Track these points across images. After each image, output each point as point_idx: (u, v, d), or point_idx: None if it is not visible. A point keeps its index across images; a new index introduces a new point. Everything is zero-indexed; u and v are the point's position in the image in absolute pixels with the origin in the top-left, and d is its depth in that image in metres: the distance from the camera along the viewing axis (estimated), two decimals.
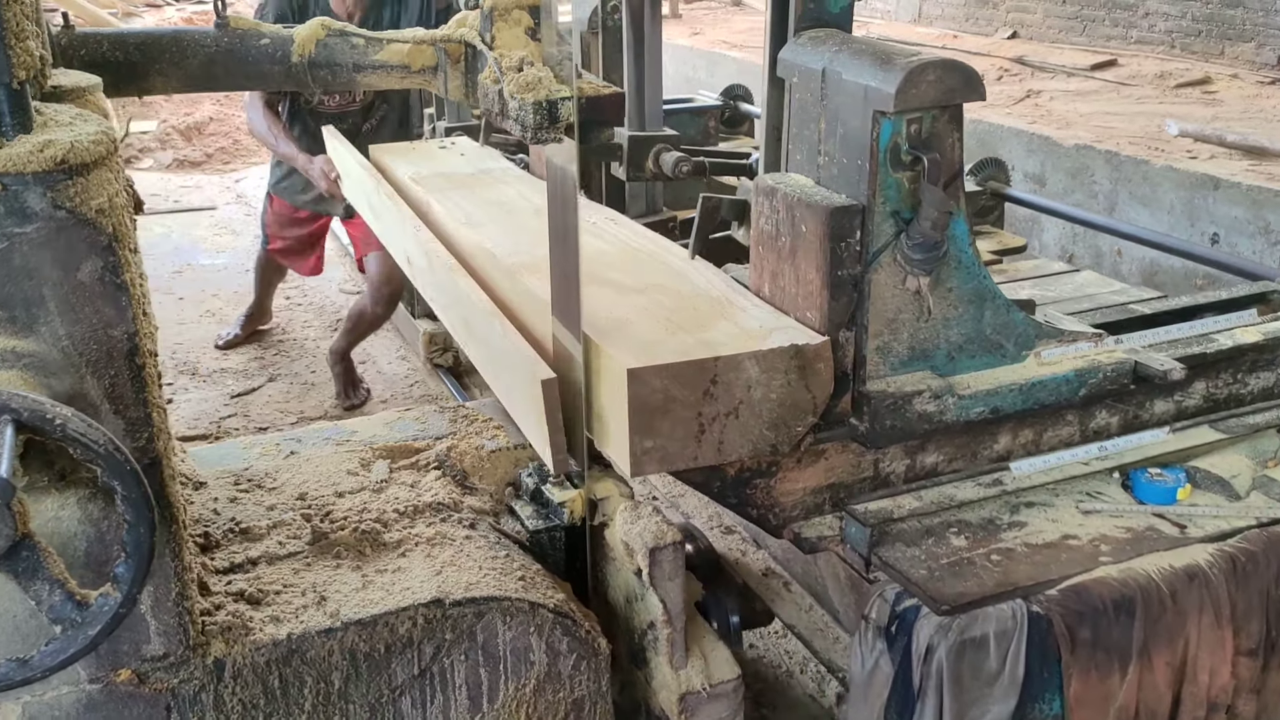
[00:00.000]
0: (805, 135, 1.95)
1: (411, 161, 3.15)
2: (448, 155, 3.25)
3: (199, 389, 5.00)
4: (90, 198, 1.28)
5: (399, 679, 1.71)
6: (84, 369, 1.33)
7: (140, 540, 1.19)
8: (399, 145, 3.37)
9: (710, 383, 1.76)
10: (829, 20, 2.04)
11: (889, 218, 1.83)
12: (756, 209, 2.01)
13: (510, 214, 2.64)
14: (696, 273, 2.21)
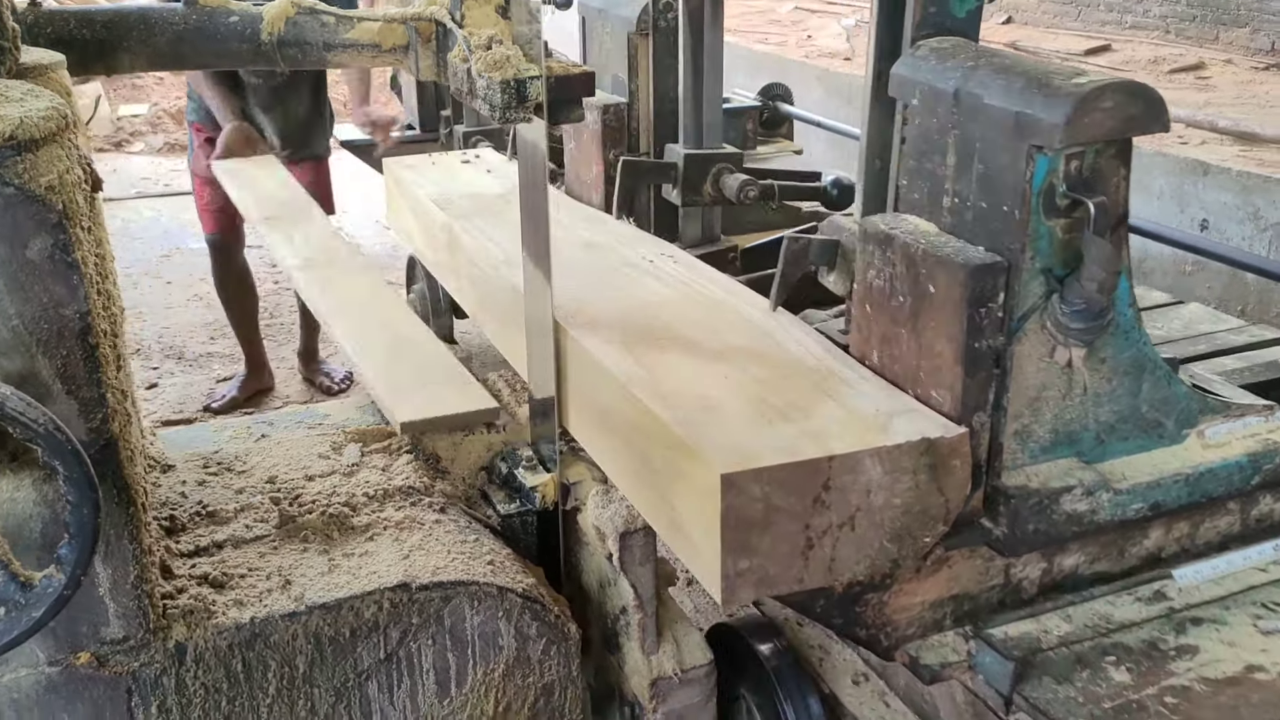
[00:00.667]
0: (926, 170, 1.61)
1: (432, 179, 2.79)
2: (472, 172, 2.91)
3: (185, 373, 4.98)
4: (39, 174, 1.26)
5: (365, 663, 1.70)
6: (35, 348, 1.31)
7: (84, 521, 1.17)
8: (416, 159, 2.99)
9: (822, 488, 1.44)
10: (952, 27, 1.68)
11: (1038, 276, 1.49)
12: (864, 258, 1.68)
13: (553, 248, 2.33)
14: (783, 330, 1.86)
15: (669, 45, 2.56)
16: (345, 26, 1.96)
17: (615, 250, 2.28)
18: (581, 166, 2.75)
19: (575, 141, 2.78)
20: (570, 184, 2.85)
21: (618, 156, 2.56)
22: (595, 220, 2.50)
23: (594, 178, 2.66)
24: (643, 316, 1.94)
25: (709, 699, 1.95)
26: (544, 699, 1.86)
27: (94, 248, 1.42)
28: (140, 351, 5.15)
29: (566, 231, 2.38)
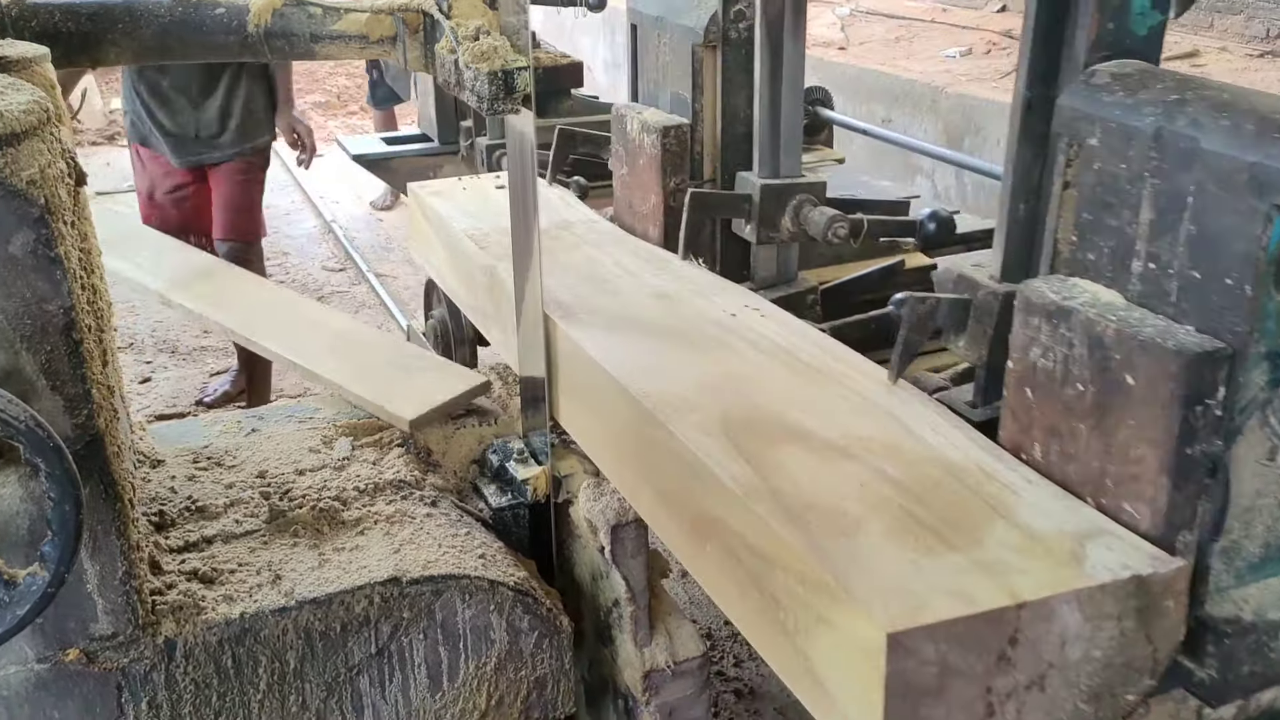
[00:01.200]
0: (1109, 226, 1.33)
1: (465, 208, 2.46)
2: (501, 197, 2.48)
3: (178, 367, 4.97)
4: (21, 169, 1.25)
5: (356, 658, 1.70)
6: (18, 344, 1.30)
7: (66, 518, 1.17)
8: (445, 183, 2.69)
9: (1008, 643, 1.17)
10: (1130, 47, 1.41)
11: (1262, 363, 1.23)
12: (1025, 333, 1.39)
13: (614, 296, 1.97)
14: (910, 410, 1.56)
15: (741, 59, 2.21)
16: (332, 18, 1.95)
17: (690, 302, 1.96)
18: (636, 195, 2.38)
19: (628, 167, 2.40)
20: (620, 214, 2.49)
21: (679, 185, 2.24)
22: (661, 263, 2.16)
23: (651, 209, 2.31)
24: (741, 395, 1.61)
25: (702, 691, 1.94)
26: (536, 692, 1.86)
27: (78, 242, 1.41)
28: (133, 346, 5.14)
29: (634, 279, 2.07)
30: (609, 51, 8.85)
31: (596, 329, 1.84)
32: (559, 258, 2.12)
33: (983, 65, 6.46)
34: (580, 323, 1.86)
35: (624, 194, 2.46)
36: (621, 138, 2.36)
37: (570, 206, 2.53)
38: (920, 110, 5.97)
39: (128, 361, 4.95)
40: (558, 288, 1.98)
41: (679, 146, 2.25)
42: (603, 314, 1.90)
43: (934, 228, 2.50)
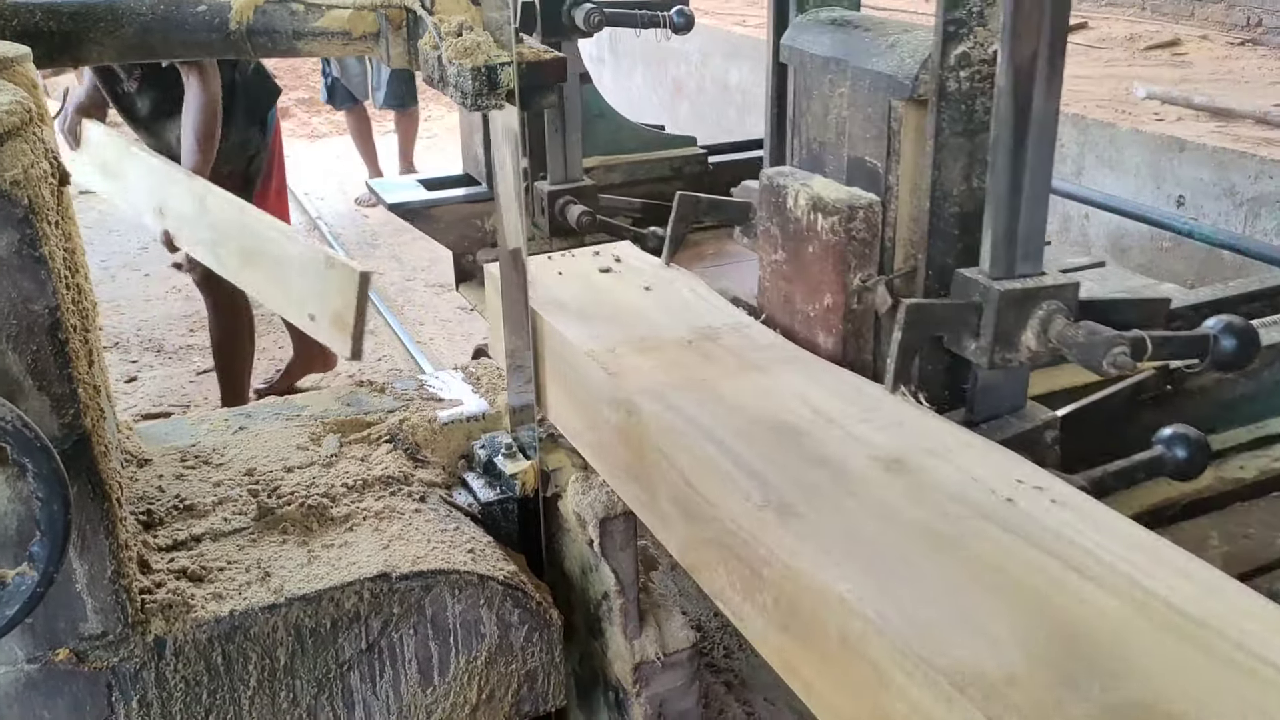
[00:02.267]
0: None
1: (568, 303, 1.93)
2: (622, 286, 1.99)
3: (164, 365, 4.97)
4: (4, 169, 1.25)
5: (346, 654, 1.70)
6: (4, 344, 1.30)
7: (54, 517, 1.17)
8: (531, 262, 1.96)
9: None
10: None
11: None
12: None
13: (825, 469, 1.37)
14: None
15: (961, 118, 1.59)
16: (315, 15, 1.95)
17: (935, 474, 1.34)
18: (799, 291, 1.82)
19: (786, 253, 1.83)
20: (771, 311, 1.92)
21: (866, 282, 1.72)
22: (868, 402, 1.55)
23: (822, 312, 1.77)
24: (1087, 667, 1.01)
25: (692, 682, 1.96)
26: (527, 685, 1.87)
27: (62, 242, 1.41)
28: (119, 345, 5.13)
29: (840, 431, 1.46)
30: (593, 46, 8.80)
31: (826, 538, 1.21)
32: (718, 389, 1.58)
33: None
34: (789, 516, 1.26)
35: (778, 287, 1.89)
36: (777, 214, 1.82)
37: (706, 302, 1.92)
38: None
39: (114, 361, 4.95)
40: (744, 451, 1.40)
41: (868, 233, 1.71)
42: (819, 503, 1.28)
43: (1233, 344, 1.64)
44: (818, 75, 1.85)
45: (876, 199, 1.73)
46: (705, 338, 1.79)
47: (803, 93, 1.90)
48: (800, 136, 1.92)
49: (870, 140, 1.74)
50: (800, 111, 1.92)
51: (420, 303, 5.60)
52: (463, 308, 5.42)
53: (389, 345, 5.10)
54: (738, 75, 7.53)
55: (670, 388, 1.60)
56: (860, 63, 1.73)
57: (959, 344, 1.58)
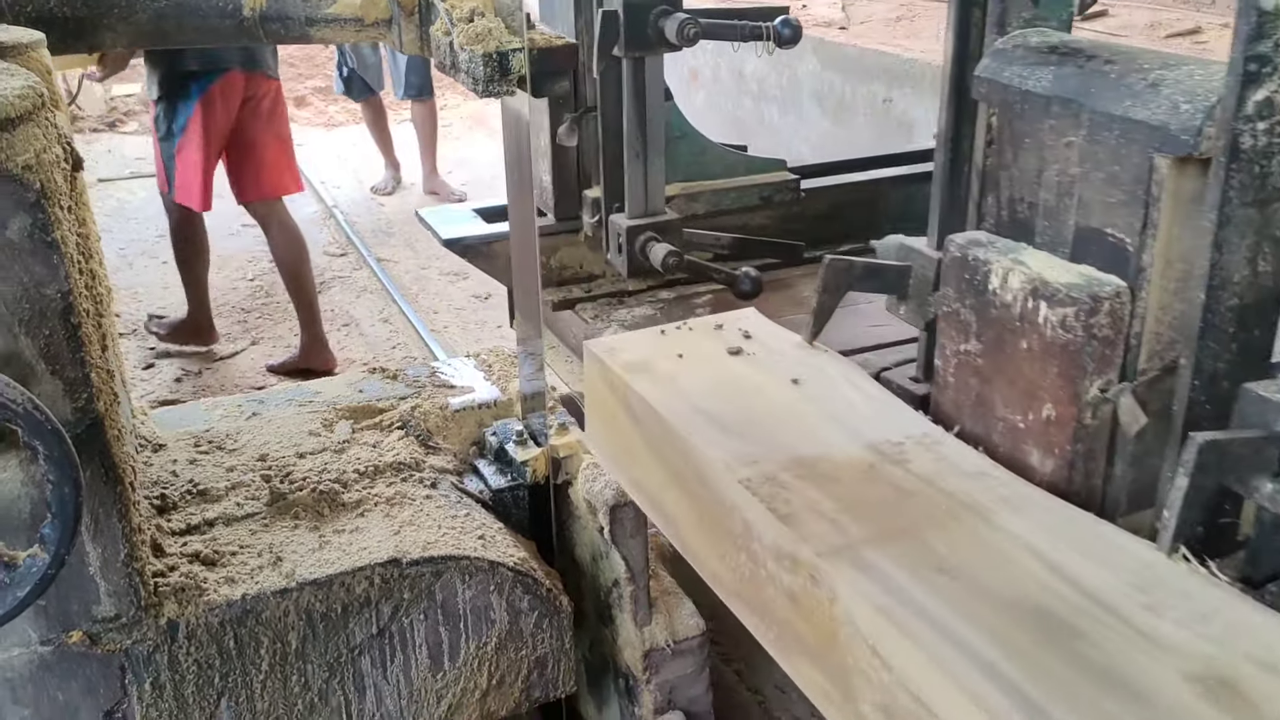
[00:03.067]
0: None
1: (699, 401, 1.53)
2: (759, 374, 1.61)
3: (181, 353, 4.98)
4: (16, 153, 1.25)
5: (358, 638, 1.71)
6: (17, 328, 1.31)
7: (65, 500, 1.18)
8: (639, 342, 1.70)
9: None
10: None
11: None
12: None
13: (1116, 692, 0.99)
14: None
15: (1256, 183, 1.20)
16: (327, 1, 1.95)
17: None
18: (1007, 397, 1.45)
19: (984, 344, 1.46)
20: (956, 415, 1.54)
21: (1105, 391, 1.34)
22: (1140, 570, 1.17)
23: (1039, 425, 1.40)
24: None
25: (702, 669, 1.96)
26: (537, 671, 1.87)
27: (75, 227, 1.42)
28: (136, 332, 5.16)
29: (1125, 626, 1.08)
30: None
31: None
32: (932, 546, 1.21)
33: None
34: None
35: (967, 384, 1.51)
36: (970, 294, 1.46)
37: (875, 402, 1.55)
38: (921, 90, 5.95)
39: (130, 348, 4.97)
40: (995, 655, 1.03)
41: (1113, 329, 1.33)
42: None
43: None
44: (1033, 119, 1.43)
45: (1124, 285, 1.32)
46: (889, 459, 1.39)
47: (1007, 139, 1.49)
48: (997, 194, 1.52)
49: (1115, 207, 1.34)
50: (1001, 162, 1.50)
51: (435, 291, 5.61)
52: (477, 296, 5.43)
53: (403, 333, 5.11)
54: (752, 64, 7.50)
55: (866, 544, 1.21)
56: (1105, 106, 1.33)
57: (1247, 485, 1.18)
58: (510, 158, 1.87)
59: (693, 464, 1.44)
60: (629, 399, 1.58)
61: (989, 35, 1.54)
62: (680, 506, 1.51)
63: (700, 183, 2.92)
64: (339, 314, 5.38)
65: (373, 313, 5.39)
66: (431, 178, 7.34)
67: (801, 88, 6.89)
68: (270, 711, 1.69)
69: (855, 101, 6.48)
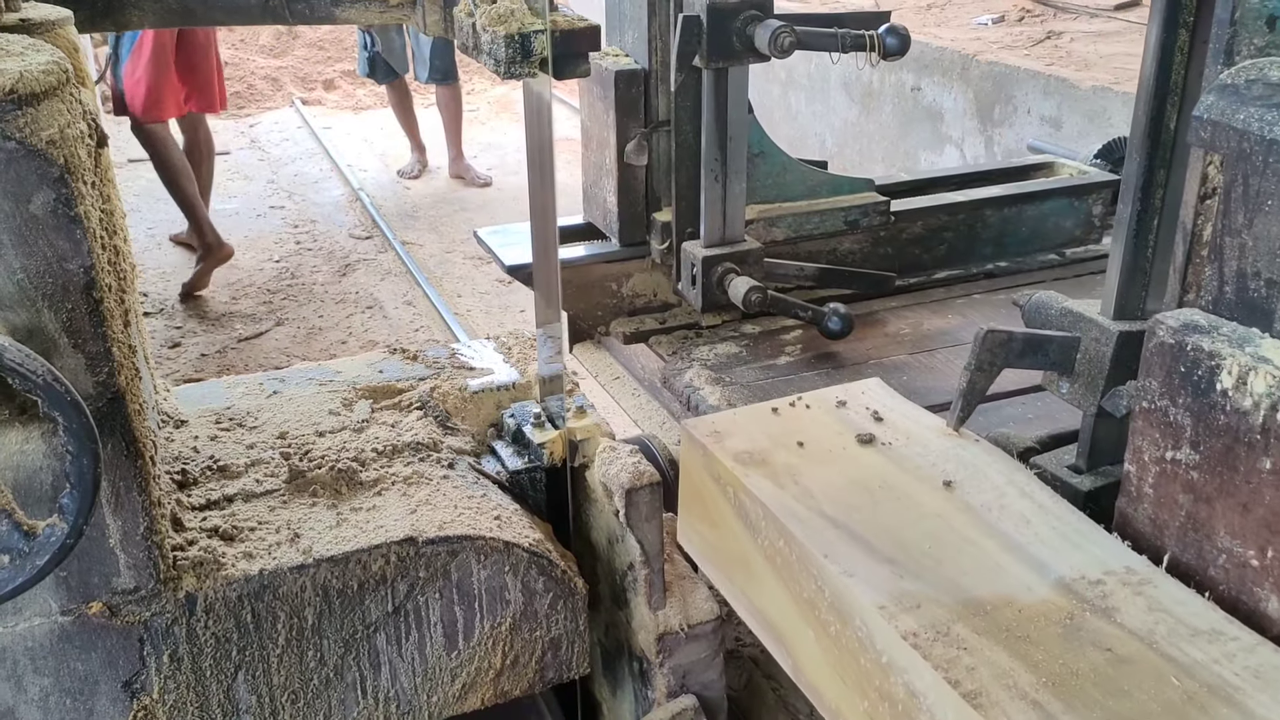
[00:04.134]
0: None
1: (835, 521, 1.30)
2: (905, 479, 1.38)
3: (207, 332, 5.04)
4: (40, 129, 1.27)
5: (373, 616, 1.72)
6: (40, 303, 1.32)
7: (84, 471, 1.19)
8: (748, 421, 1.55)
9: None
10: None
11: None
12: None
13: None
14: None
15: None
16: None
17: None
18: (1237, 525, 1.19)
19: (1202, 455, 1.22)
20: (1160, 536, 1.29)
21: None
22: None
23: (1277, 564, 1.14)
24: None
25: (716, 655, 1.96)
26: (551, 652, 1.88)
27: (99, 203, 1.43)
28: (164, 311, 5.21)
29: None
30: None
31: None
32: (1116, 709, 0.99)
33: (1015, 33, 6.37)
34: None
35: (1173, 499, 1.24)
36: (1187, 391, 1.21)
37: (1052, 516, 1.30)
38: (950, 78, 5.90)
39: (158, 327, 5.02)
40: None
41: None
42: None
43: None
44: (1279, 174, 1.14)
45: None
46: (1090, 606, 1.13)
47: (1239, 198, 1.20)
48: (1219, 264, 1.23)
49: None
50: (1229, 226, 1.21)
51: (459, 275, 5.63)
52: (501, 280, 5.44)
53: (426, 316, 5.13)
54: None
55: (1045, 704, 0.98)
56: None
57: None
58: (532, 141, 1.87)
59: (830, 596, 1.17)
60: (743, 501, 1.34)
61: (1209, 66, 1.27)
62: (808, 640, 1.24)
63: (780, 205, 2.66)
64: (363, 296, 5.41)
65: (396, 295, 5.42)
66: (457, 162, 7.35)
67: (829, 76, 6.85)
68: (287, 686, 1.70)
69: (884, 90, 6.44)
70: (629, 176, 2.56)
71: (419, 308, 5.24)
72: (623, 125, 2.45)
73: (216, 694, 1.66)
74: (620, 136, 2.45)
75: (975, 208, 2.96)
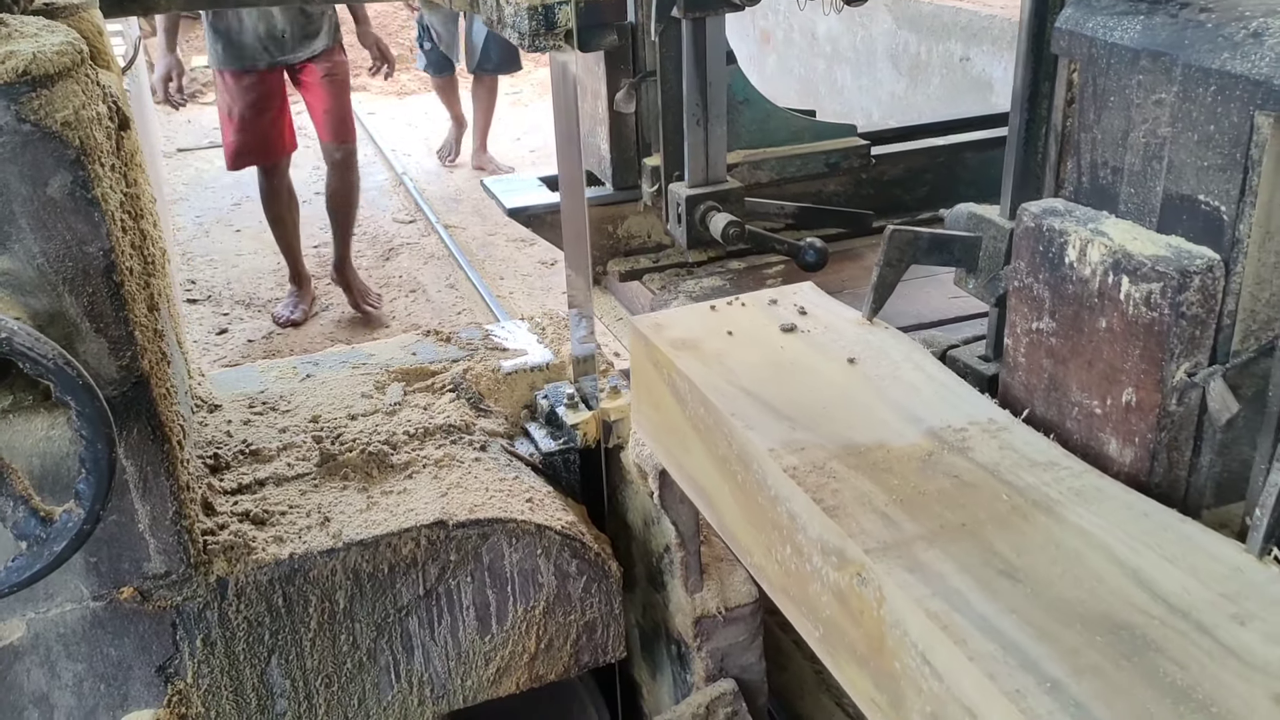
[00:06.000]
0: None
1: (746, 382, 1.44)
2: (811, 352, 1.52)
3: (253, 319, 5.08)
4: (55, 110, 1.25)
5: (404, 599, 1.71)
6: (60, 287, 1.31)
7: (98, 456, 1.18)
8: (688, 318, 1.62)
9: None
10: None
11: None
12: None
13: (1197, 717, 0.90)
14: None
15: None
16: None
17: None
18: (1084, 380, 1.34)
19: (1059, 322, 1.36)
20: (1027, 398, 1.44)
21: (1193, 375, 1.22)
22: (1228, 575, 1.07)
23: (1119, 411, 1.30)
24: None
25: (755, 638, 1.92)
26: (586, 636, 1.86)
27: (121, 185, 1.42)
28: (211, 298, 5.26)
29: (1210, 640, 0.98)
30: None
31: None
32: (994, 546, 1.11)
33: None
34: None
35: (1039, 365, 1.40)
36: (1045, 268, 1.36)
37: (937, 384, 1.44)
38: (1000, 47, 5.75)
39: (206, 313, 5.07)
40: (1063, 674, 0.94)
41: (1204, 307, 1.20)
42: None
43: None
44: (1120, 75, 1.30)
45: (1216, 258, 1.19)
46: (949, 446, 1.29)
47: (1090, 98, 1.35)
48: (1077, 158, 1.39)
49: (1209, 172, 1.21)
50: (1082, 124, 1.37)
51: (501, 257, 5.62)
52: (544, 262, 5.43)
53: (469, 299, 5.13)
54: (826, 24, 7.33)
55: (920, 541, 1.12)
56: (1200, 59, 1.19)
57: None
58: (560, 116, 1.84)
59: (737, 449, 1.34)
60: (674, 379, 1.50)
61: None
62: (724, 494, 1.41)
63: (765, 150, 2.77)
64: (406, 280, 5.42)
65: (439, 279, 5.42)
66: (480, 154, 7.32)
67: (875, 48, 6.73)
68: (320, 669, 1.70)
69: (931, 61, 6.30)
70: (620, 124, 2.68)
71: (461, 290, 5.24)
72: (612, 76, 2.57)
73: (250, 678, 1.66)
74: (610, 87, 2.56)
75: (955, 151, 3.04)
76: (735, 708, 1.89)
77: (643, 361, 1.61)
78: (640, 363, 1.63)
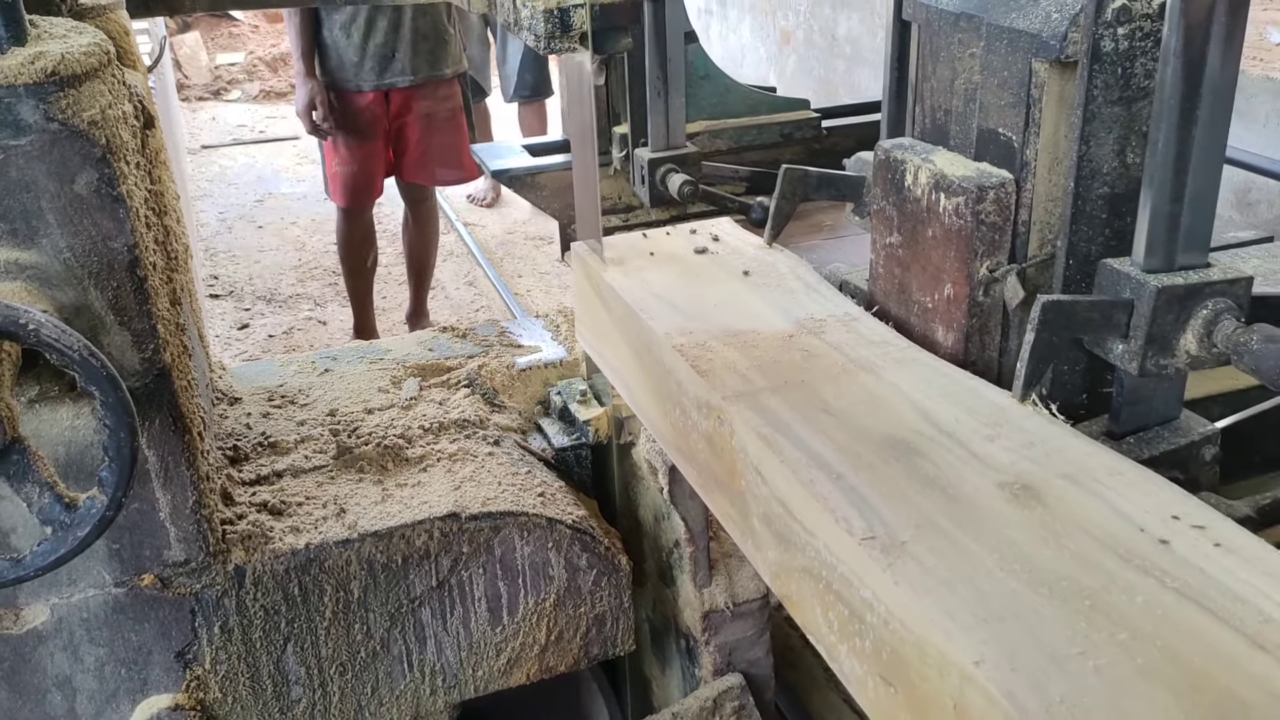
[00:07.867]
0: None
1: (658, 289, 1.71)
2: (718, 270, 1.78)
3: (275, 314, 5.14)
4: (82, 109, 1.29)
5: (417, 590, 1.74)
6: (86, 281, 1.35)
7: (121, 445, 1.22)
8: (622, 242, 1.89)
9: None
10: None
11: None
12: None
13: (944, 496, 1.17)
14: None
15: (1116, 83, 1.36)
16: None
17: (1075, 507, 1.13)
18: (916, 279, 1.61)
19: (902, 235, 1.63)
20: (884, 301, 1.70)
21: (994, 271, 1.50)
22: (991, 412, 1.32)
23: (942, 303, 1.56)
24: None
25: (762, 633, 1.95)
26: (596, 629, 1.89)
27: (145, 183, 1.46)
28: (234, 294, 5.33)
29: (961, 449, 1.24)
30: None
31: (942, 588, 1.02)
32: (821, 394, 1.38)
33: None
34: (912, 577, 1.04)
35: (892, 273, 1.67)
36: (893, 192, 1.62)
37: (810, 289, 1.71)
38: None
39: (228, 308, 5.14)
40: (848, 472, 1.20)
41: (999, 216, 1.48)
42: (935, 542, 1.09)
43: None
44: (946, 34, 1.57)
45: (1009, 177, 1.47)
46: (808, 331, 1.56)
47: (928, 55, 1.63)
48: (923, 104, 1.66)
49: (1005, 109, 1.48)
50: (924, 76, 1.65)
51: (520, 255, 5.66)
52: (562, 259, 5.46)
53: (487, 296, 5.17)
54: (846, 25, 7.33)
55: (767, 391, 1.40)
56: (996, 19, 1.47)
57: (1103, 347, 1.37)
58: (573, 119, 1.87)
59: (644, 337, 1.65)
60: (602, 289, 1.79)
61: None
62: (635, 374, 1.72)
63: (723, 121, 3.08)
64: None
65: (458, 276, 5.47)
66: None
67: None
68: (334, 658, 1.73)
69: None
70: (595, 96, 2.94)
71: (480, 288, 5.28)
72: None
73: (267, 665, 1.70)
74: None
75: None
76: (742, 701, 1.91)
77: (581, 278, 1.90)
78: (579, 279, 1.91)
